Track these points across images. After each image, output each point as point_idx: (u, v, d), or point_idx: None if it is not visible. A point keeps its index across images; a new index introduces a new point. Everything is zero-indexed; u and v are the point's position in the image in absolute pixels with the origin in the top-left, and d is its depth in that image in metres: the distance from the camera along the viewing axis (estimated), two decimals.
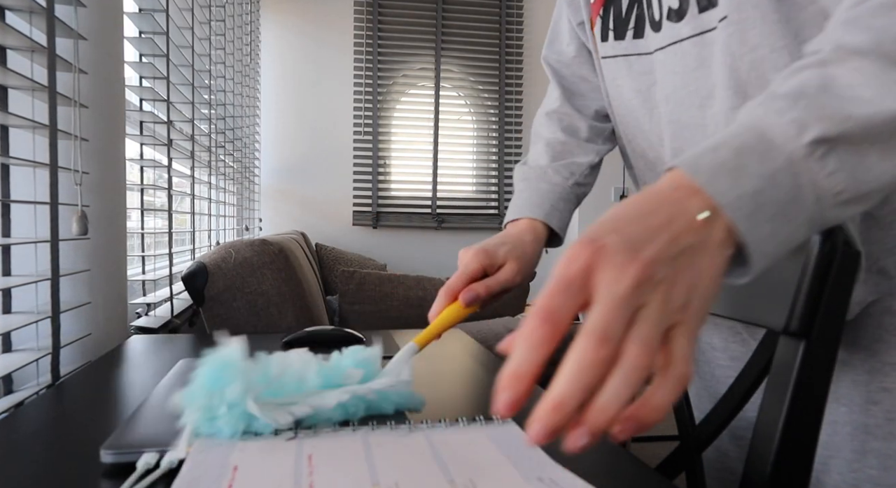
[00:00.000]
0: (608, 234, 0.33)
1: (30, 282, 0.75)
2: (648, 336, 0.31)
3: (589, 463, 0.48)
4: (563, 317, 0.31)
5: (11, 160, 0.75)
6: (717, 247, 0.34)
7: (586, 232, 0.33)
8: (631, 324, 0.31)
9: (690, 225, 0.34)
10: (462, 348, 0.94)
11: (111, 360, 0.82)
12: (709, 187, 0.34)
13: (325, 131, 3.56)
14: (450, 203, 3.67)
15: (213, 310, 1.26)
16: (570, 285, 0.32)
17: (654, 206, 0.35)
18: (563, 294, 0.32)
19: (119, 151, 1.05)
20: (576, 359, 0.30)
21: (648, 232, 0.33)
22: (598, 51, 0.71)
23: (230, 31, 2.30)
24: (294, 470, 0.41)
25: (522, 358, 0.31)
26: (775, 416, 0.50)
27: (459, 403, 0.64)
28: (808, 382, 0.49)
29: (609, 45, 0.68)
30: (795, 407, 0.49)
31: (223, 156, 2.16)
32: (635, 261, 0.31)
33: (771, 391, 0.52)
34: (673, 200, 0.35)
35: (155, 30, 1.29)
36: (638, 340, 0.30)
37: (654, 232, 0.33)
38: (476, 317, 2.11)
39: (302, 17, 3.52)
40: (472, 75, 3.66)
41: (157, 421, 0.51)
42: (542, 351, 0.31)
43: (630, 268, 0.31)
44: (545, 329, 0.31)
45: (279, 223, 3.53)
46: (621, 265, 0.31)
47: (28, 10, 0.76)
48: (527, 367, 0.31)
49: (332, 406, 0.49)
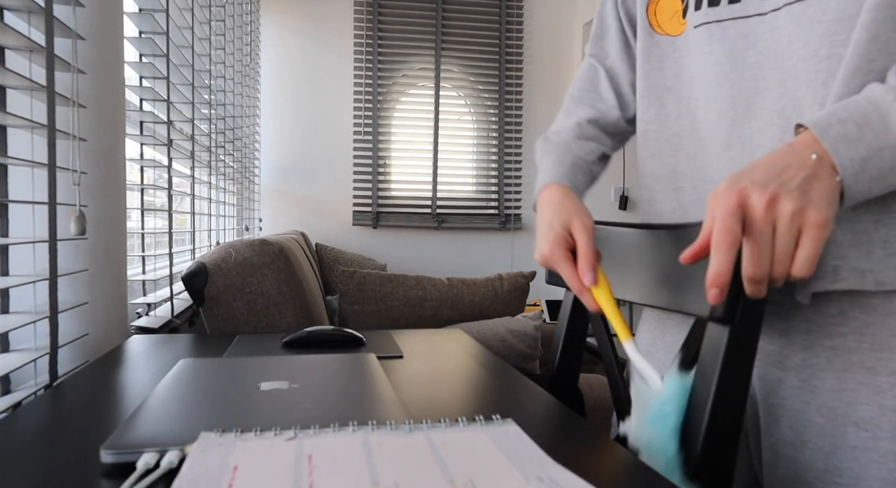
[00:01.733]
0: (742, 180, 0.50)
1: (28, 283, 0.75)
2: (784, 244, 0.48)
3: (589, 463, 0.48)
4: (736, 230, 0.48)
5: (10, 160, 0.75)
6: (829, 176, 0.49)
7: (724, 183, 0.51)
8: (773, 235, 0.48)
9: (805, 162, 0.50)
10: (462, 348, 0.94)
11: (111, 360, 0.82)
12: (830, 150, 0.50)
13: (325, 131, 3.56)
14: (450, 203, 3.67)
15: (213, 310, 1.26)
16: (734, 212, 0.48)
17: (774, 159, 0.51)
18: (732, 217, 0.48)
19: (119, 151, 1.05)
20: (746, 255, 0.49)
21: (773, 174, 0.50)
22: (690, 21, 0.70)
23: (230, 31, 2.30)
24: (294, 470, 0.41)
25: (720, 261, 0.49)
26: (705, 396, 0.55)
27: (459, 403, 0.64)
28: (734, 365, 0.54)
29: (702, 13, 0.68)
30: (723, 388, 0.54)
31: (223, 156, 2.16)
32: (766, 192, 0.48)
33: (700, 374, 0.56)
34: (790, 153, 0.51)
35: (155, 30, 1.29)
36: (778, 247, 0.48)
37: (777, 173, 0.50)
38: (476, 316, 2.11)
39: (302, 17, 3.52)
40: (472, 75, 3.66)
41: (157, 421, 0.51)
42: (730, 254, 0.48)
43: (763, 197, 0.48)
44: (729, 238, 0.48)
45: (279, 223, 3.53)
46: (756, 198, 0.48)
47: (27, 9, 0.76)
48: (725, 267, 0.49)
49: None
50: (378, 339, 0.99)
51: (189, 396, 0.59)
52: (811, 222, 0.47)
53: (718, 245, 0.49)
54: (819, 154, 0.50)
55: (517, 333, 1.91)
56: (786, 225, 0.48)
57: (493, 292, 2.15)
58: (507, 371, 0.78)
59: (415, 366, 0.82)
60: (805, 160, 0.50)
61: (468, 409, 0.62)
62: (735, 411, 0.54)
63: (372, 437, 0.47)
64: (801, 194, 0.48)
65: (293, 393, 0.60)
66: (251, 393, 0.60)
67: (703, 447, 0.53)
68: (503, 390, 0.70)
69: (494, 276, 2.19)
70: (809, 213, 0.48)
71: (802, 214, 0.48)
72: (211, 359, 0.75)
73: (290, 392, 0.60)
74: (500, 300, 2.15)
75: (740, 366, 0.55)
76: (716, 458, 0.54)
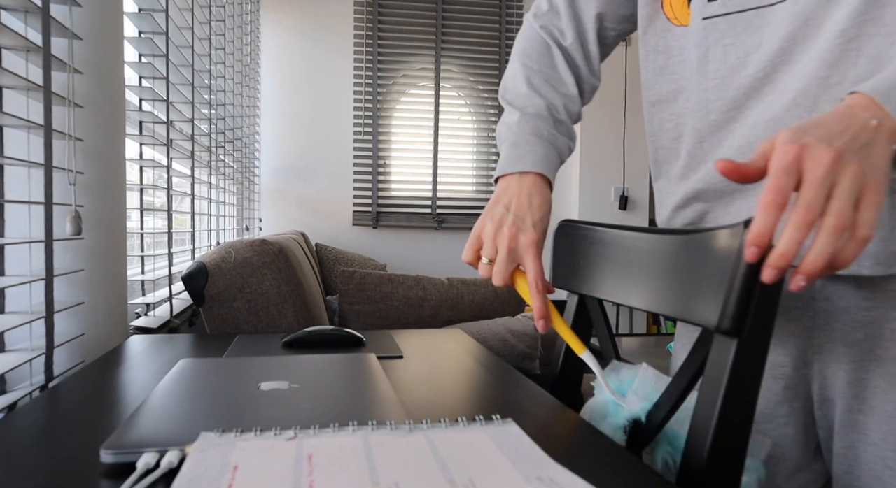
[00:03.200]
0: (805, 135, 0.47)
1: (24, 283, 0.75)
2: (841, 209, 0.44)
3: (589, 463, 0.48)
4: (787, 191, 0.45)
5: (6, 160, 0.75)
6: (886, 142, 0.48)
7: (787, 134, 0.48)
8: (830, 199, 0.45)
9: (865, 127, 0.48)
10: (462, 348, 0.94)
11: (110, 360, 0.82)
12: (894, 113, 0.48)
13: (325, 131, 3.56)
14: (450, 203, 3.67)
15: (213, 310, 1.26)
16: (789, 169, 0.45)
17: (835, 118, 0.49)
18: (786, 175, 0.45)
19: (119, 151, 1.05)
20: (793, 222, 0.45)
21: (835, 132, 0.47)
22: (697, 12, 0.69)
23: (230, 31, 2.30)
24: (294, 470, 0.41)
25: (763, 220, 0.46)
26: (709, 413, 0.52)
27: (459, 403, 0.64)
28: (741, 380, 0.52)
29: (718, 4, 0.67)
30: (728, 404, 0.51)
31: (223, 156, 2.16)
32: (830, 150, 0.45)
33: (705, 390, 0.53)
34: (849, 115, 0.49)
35: (155, 30, 1.29)
36: (835, 212, 0.44)
37: (839, 132, 0.47)
38: (476, 316, 2.11)
39: (302, 17, 3.52)
40: (472, 75, 3.66)
41: (157, 421, 0.51)
42: (776, 214, 0.45)
43: (827, 155, 0.45)
44: (777, 199, 0.45)
45: (279, 223, 3.53)
46: (820, 153, 0.45)
47: (23, 9, 0.76)
48: (768, 227, 0.46)
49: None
50: (378, 339, 0.99)
51: (189, 396, 0.59)
52: (872, 187, 0.45)
53: (767, 205, 0.45)
54: (880, 118, 0.48)
55: (517, 333, 1.91)
56: (847, 183, 0.45)
57: (493, 292, 2.15)
58: (507, 371, 0.78)
59: (415, 366, 0.82)
60: (866, 124, 0.48)
61: (468, 409, 0.62)
62: (740, 430, 0.52)
63: (372, 437, 0.47)
64: (864, 158, 0.46)
65: (293, 393, 0.60)
66: (251, 393, 0.60)
67: (708, 464, 0.51)
68: (503, 390, 0.70)
69: None
70: (870, 177, 0.45)
71: (864, 176, 0.45)
72: (211, 359, 0.75)
73: (290, 392, 0.60)
74: (500, 300, 2.15)
75: (747, 383, 0.52)
76: (719, 477, 0.52)
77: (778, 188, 0.45)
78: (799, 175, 0.45)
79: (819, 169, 0.45)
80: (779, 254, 0.45)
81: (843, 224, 0.44)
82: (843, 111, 0.50)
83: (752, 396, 0.52)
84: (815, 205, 0.44)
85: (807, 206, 0.44)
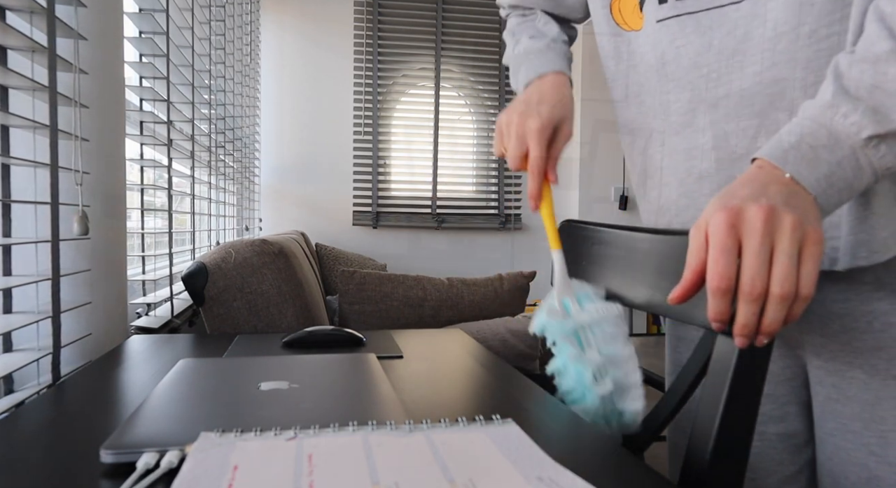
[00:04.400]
0: (733, 198, 0.48)
1: (30, 282, 0.75)
2: (785, 276, 0.45)
3: (589, 463, 0.48)
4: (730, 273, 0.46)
5: (12, 160, 0.75)
6: (805, 192, 0.49)
7: (715, 203, 0.49)
8: (773, 264, 0.45)
9: (782, 180, 0.49)
10: (462, 348, 0.94)
11: (111, 360, 0.82)
12: (795, 174, 0.50)
13: (325, 131, 3.56)
14: (450, 203, 3.67)
15: (213, 310, 1.26)
16: (725, 247, 0.46)
17: (751, 178, 0.50)
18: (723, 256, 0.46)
19: (119, 151, 1.05)
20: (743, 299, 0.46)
21: (758, 189, 0.48)
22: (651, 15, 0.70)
23: (230, 31, 2.30)
24: (294, 470, 0.41)
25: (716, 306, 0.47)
26: (712, 414, 0.52)
27: (459, 403, 0.64)
28: (744, 382, 0.52)
29: (668, 6, 0.68)
30: (731, 406, 0.51)
31: (223, 156, 2.16)
32: (761, 209, 0.46)
33: (708, 390, 0.53)
34: (764, 174, 0.50)
35: (155, 30, 1.29)
36: (779, 280, 0.45)
37: (762, 188, 0.48)
38: (476, 316, 2.11)
39: (302, 17, 3.52)
40: (472, 75, 3.66)
41: (157, 421, 0.51)
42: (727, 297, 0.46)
43: (759, 216, 0.46)
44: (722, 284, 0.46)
45: (279, 223, 3.53)
46: (752, 215, 0.46)
47: (28, 10, 0.76)
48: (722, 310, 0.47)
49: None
50: (378, 339, 0.99)
51: (189, 396, 0.59)
52: (812, 237, 0.46)
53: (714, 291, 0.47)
54: (791, 173, 0.50)
55: (517, 333, 1.91)
56: (786, 244, 0.45)
57: (493, 292, 2.15)
58: (507, 371, 0.78)
59: (415, 366, 0.82)
60: (780, 177, 0.49)
61: (468, 409, 0.62)
62: (744, 430, 0.51)
63: (372, 437, 0.47)
64: (793, 207, 0.47)
65: (293, 393, 0.60)
66: (251, 393, 0.60)
67: (710, 465, 0.51)
68: (503, 390, 0.70)
69: (494, 276, 2.19)
70: (807, 227, 0.46)
71: (803, 226, 0.46)
72: (211, 359, 0.75)
73: (289, 392, 0.60)
74: (500, 300, 2.15)
75: (751, 383, 0.51)
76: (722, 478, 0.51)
77: (720, 275, 0.46)
78: (737, 240, 0.46)
79: (755, 236, 0.46)
80: (741, 326, 0.47)
81: (788, 293, 0.45)
82: (756, 172, 0.52)
83: (755, 397, 0.52)
84: (758, 279, 0.45)
85: (751, 283, 0.45)
